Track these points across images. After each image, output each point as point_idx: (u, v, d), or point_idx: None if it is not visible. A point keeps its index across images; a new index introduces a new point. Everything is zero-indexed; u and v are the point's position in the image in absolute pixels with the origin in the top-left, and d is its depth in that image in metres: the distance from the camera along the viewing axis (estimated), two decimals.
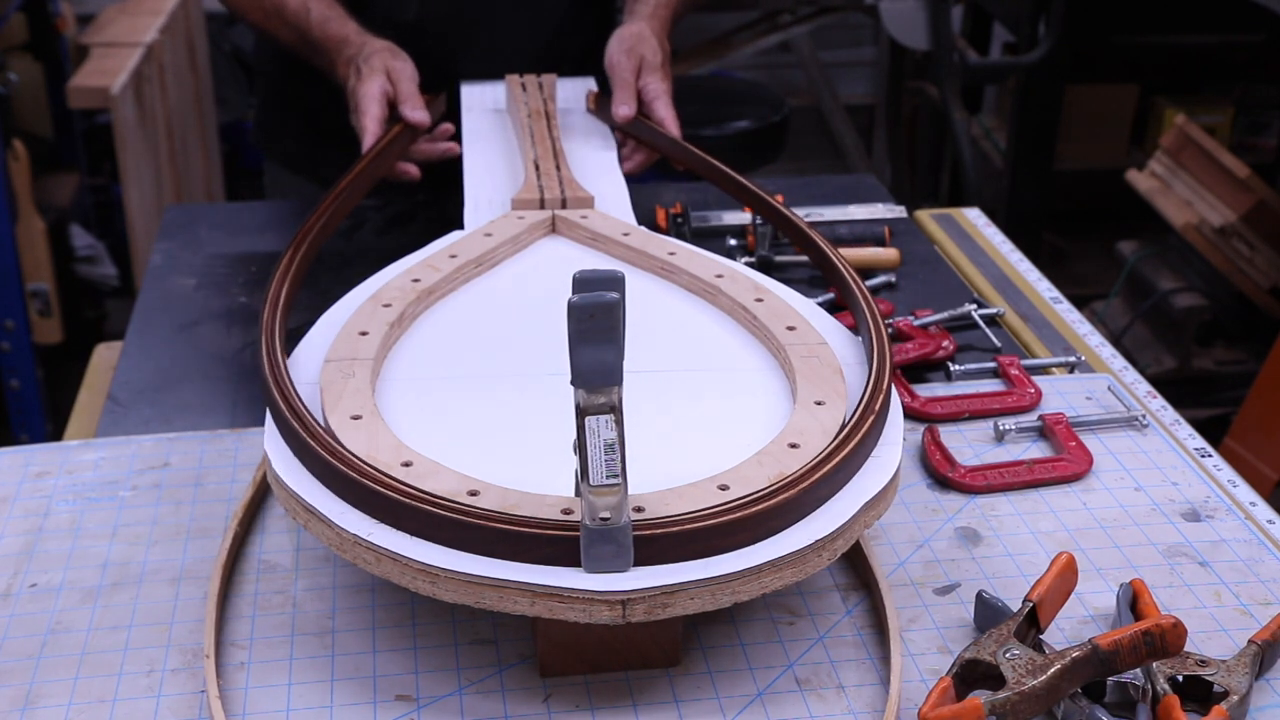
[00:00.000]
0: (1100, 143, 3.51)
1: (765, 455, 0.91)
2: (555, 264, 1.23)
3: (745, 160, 3.09)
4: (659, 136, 1.49)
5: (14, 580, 1.02)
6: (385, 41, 1.53)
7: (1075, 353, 1.35)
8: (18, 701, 0.90)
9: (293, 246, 1.17)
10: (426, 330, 1.12)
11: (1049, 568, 0.94)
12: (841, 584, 1.01)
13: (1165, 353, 2.89)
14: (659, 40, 1.56)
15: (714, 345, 1.11)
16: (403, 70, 1.49)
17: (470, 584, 0.83)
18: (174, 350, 1.37)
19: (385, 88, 1.47)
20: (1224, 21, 3.31)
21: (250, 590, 1.01)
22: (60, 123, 3.30)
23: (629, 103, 1.50)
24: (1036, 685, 0.83)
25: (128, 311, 1.49)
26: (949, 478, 1.12)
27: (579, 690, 0.91)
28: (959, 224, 1.66)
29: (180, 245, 1.59)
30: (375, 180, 1.40)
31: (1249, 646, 0.91)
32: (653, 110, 1.50)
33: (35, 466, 1.15)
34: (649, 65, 1.52)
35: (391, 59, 1.50)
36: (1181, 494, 1.12)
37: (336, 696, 0.90)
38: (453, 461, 0.91)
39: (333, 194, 1.29)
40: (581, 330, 0.77)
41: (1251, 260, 2.77)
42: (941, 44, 3.30)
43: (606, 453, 0.80)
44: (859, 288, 1.13)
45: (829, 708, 0.90)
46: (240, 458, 1.16)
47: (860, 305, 1.10)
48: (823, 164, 4.26)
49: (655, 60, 1.53)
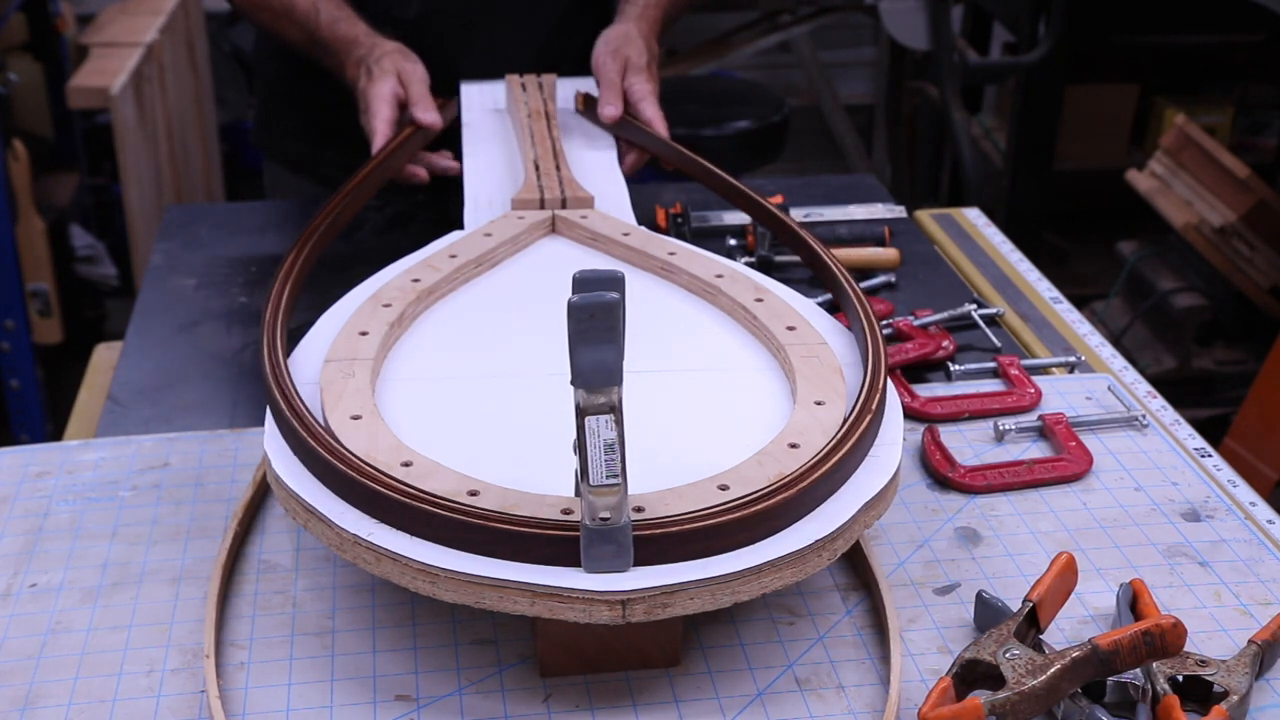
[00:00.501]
0: (1100, 143, 3.51)
1: (765, 455, 0.91)
2: (555, 264, 1.23)
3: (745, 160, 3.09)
4: (647, 137, 1.49)
5: (14, 580, 1.02)
6: (395, 43, 1.53)
7: (1075, 353, 1.35)
8: (18, 701, 0.90)
9: (297, 247, 1.17)
10: (426, 330, 1.12)
11: (1049, 568, 0.94)
12: (841, 584, 1.01)
13: (1165, 353, 2.89)
14: (645, 40, 1.56)
15: (714, 345, 1.11)
16: (414, 72, 1.50)
17: (470, 584, 0.83)
18: (174, 350, 1.37)
19: (396, 90, 1.47)
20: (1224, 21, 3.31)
21: (250, 590, 1.01)
22: (60, 123, 3.30)
23: (615, 103, 1.49)
24: (1036, 685, 0.83)
25: (128, 311, 1.49)
26: (949, 478, 1.12)
27: (579, 690, 0.91)
28: (959, 224, 1.66)
29: (180, 245, 1.59)
30: (384, 182, 1.40)
31: (1249, 646, 0.91)
32: (640, 111, 1.50)
33: (35, 466, 1.15)
34: (634, 66, 1.52)
35: (403, 61, 1.50)
36: (1181, 494, 1.12)
37: (336, 696, 0.90)
38: (452, 461, 0.91)
39: (340, 194, 1.29)
40: (581, 330, 0.77)
41: (1251, 260, 2.77)
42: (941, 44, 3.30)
43: (606, 453, 0.80)
44: (850, 284, 1.13)
45: (829, 708, 0.90)
46: (240, 458, 1.16)
47: (852, 302, 1.10)
48: (823, 164, 4.26)
49: (641, 60, 1.53)
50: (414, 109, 1.47)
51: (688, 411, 1.02)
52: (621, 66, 1.52)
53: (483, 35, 1.69)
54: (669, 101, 1.55)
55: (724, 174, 1.39)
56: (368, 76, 1.49)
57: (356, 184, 1.32)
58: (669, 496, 0.87)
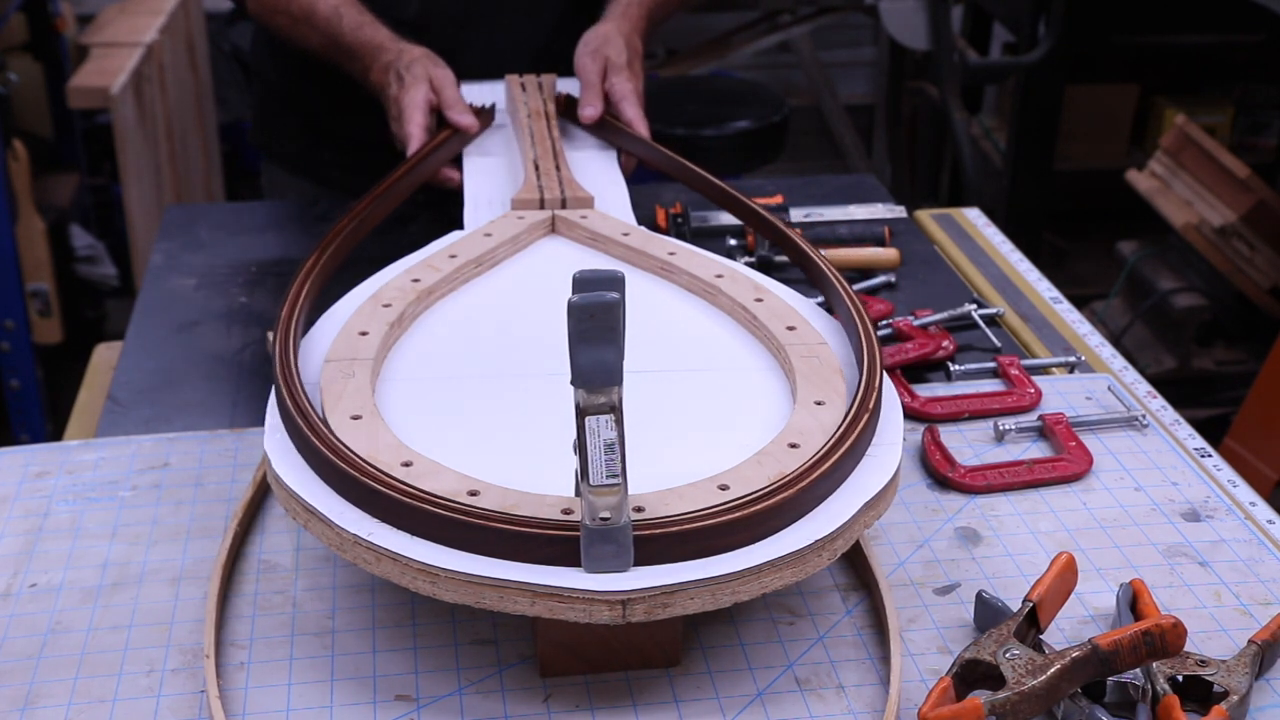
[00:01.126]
0: (1100, 143, 3.51)
1: (765, 455, 0.91)
2: (555, 264, 1.23)
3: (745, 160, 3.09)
4: (627, 138, 1.48)
5: (14, 580, 1.02)
6: (421, 48, 1.53)
7: (1075, 353, 1.35)
8: (18, 701, 0.90)
9: (320, 248, 1.17)
10: (426, 330, 1.12)
11: (1049, 568, 0.94)
12: (841, 584, 1.01)
13: (1165, 353, 2.89)
14: (626, 39, 1.55)
15: (714, 345, 1.11)
16: (445, 77, 1.49)
17: (470, 584, 0.83)
18: (174, 350, 1.37)
19: (430, 96, 1.47)
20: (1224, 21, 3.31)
21: (250, 590, 1.01)
22: (60, 123, 3.30)
23: (595, 104, 1.49)
24: (1036, 685, 0.83)
25: (128, 311, 1.49)
26: (949, 478, 1.12)
27: (579, 690, 0.91)
28: (959, 224, 1.66)
29: (180, 245, 1.59)
30: (417, 185, 1.40)
31: (1249, 646, 0.91)
32: (621, 111, 1.50)
33: (35, 466, 1.15)
34: (614, 65, 1.51)
35: (433, 67, 1.50)
36: (1181, 494, 1.12)
37: (336, 696, 0.90)
38: (453, 461, 0.91)
39: (372, 195, 1.28)
40: (582, 330, 0.77)
41: (1251, 260, 2.77)
42: (941, 44, 3.30)
43: (606, 453, 0.80)
44: (840, 283, 1.12)
45: (829, 708, 0.90)
46: (240, 458, 1.16)
47: (843, 300, 1.09)
48: (823, 164, 4.26)
49: (620, 60, 1.52)
50: (449, 112, 1.47)
51: (688, 411, 1.02)
52: (601, 67, 1.51)
53: (482, 35, 1.69)
54: (669, 101, 1.55)
55: (707, 174, 1.38)
56: (399, 83, 1.49)
57: (390, 185, 1.32)
58: (669, 496, 0.87)
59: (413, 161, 1.39)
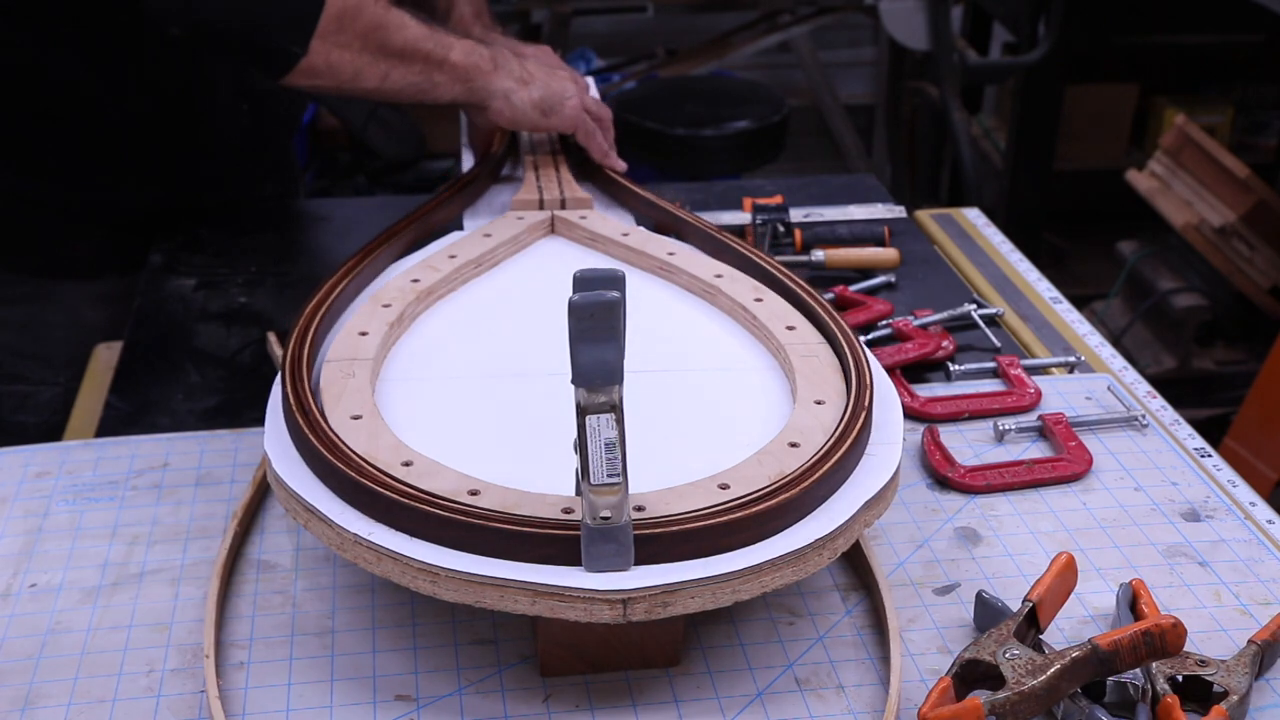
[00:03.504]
0: (1100, 143, 3.51)
1: (765, 454, 0.91)
2: (554, 264, 1.23)
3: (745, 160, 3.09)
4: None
5: (14, 580, 1.02)
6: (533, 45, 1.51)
7: (1075, 353, 1.35)
8: (18, 702, 0.90)
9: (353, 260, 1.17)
10: (426, 330, 1.12)
11: (1049, 568, 0.94)
12: (841, 584, 1.01)
13: (1165, 353, 2.89)
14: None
15: (714, 345, 1.11)
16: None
17: (470, 583, 0.83)
18: (174, 350, 1.37)
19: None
20: (1224, 21, 3.31)
21: (250, 590, 1.01)
22: None
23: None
24: (1036, 685, 0.83)
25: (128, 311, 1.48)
26: (949, 478, 1.12)
27: (579, 690, 0.91)
28: (959, 224, 1.67)
29: (180, 245, 1.59)
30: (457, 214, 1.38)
31: (1249, 646, 0.91)
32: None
33: (35, 466, 1.15)
34: None
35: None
36: (1181, 494, 1.12)
37: (336, 696, 0.90)
38: (453, 461, 0.91)
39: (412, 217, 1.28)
40: (582, 329, 0.77)
41: (1251, 260, 2.77)
42: (941, 44, 3.31)
43: (607, 452, 0.80)
44: (803, 288, 1.12)
45: (829, 708, 0.90)
46: (240, 458, 1.16)
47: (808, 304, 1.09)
48: (823, 164, 4.26)
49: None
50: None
51: (688, 411, 1.02)
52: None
53: None
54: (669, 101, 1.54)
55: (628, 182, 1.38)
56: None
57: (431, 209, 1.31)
58: (670, 496, 0.87)
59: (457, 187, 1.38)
